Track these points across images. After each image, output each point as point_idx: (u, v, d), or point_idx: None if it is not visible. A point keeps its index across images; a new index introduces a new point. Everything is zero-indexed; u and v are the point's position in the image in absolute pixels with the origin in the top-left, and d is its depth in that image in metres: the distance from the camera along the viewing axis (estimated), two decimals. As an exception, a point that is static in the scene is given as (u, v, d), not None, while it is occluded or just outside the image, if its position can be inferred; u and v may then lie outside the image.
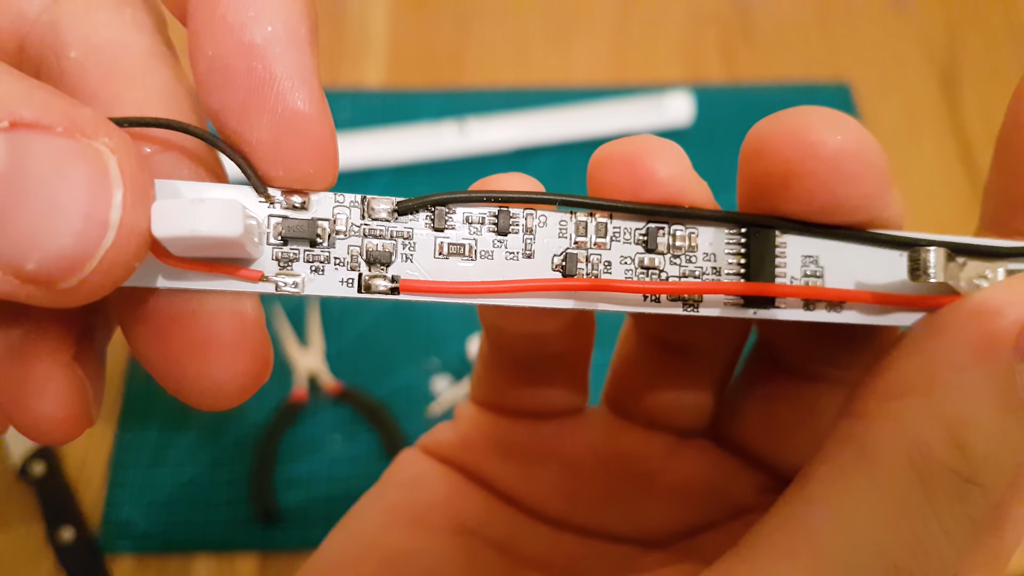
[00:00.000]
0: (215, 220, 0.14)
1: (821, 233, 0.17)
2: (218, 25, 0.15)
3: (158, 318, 0.16)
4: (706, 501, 0.23)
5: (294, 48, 0.15)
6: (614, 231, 0.17)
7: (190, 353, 0.16)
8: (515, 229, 0.17)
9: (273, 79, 0.15)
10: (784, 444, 0.22)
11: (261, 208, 0.16)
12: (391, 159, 0.55)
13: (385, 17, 0.62)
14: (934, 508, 0.15)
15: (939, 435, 0.15)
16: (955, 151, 0.58)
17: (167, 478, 0.46)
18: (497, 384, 0.23)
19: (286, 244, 0.16)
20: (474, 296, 0.16)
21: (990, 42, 0.62)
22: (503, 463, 0.23)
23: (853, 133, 0.15)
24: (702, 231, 0.17)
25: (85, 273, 0.13)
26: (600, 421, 0.24)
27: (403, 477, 0.23)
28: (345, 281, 0.16)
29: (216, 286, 0.15)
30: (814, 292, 0.17)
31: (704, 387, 0.22)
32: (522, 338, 0.21)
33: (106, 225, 0.13)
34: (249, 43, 0.14)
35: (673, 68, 0.61)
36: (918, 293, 0.17)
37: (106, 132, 0.13)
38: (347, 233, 0.16)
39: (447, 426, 0.24)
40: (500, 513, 0.23)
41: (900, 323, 0.17)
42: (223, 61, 0.15)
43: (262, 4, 0.15)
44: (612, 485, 0.23)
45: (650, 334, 0.22)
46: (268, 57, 0.15)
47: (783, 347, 0.22)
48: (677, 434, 0.23)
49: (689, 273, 0.17)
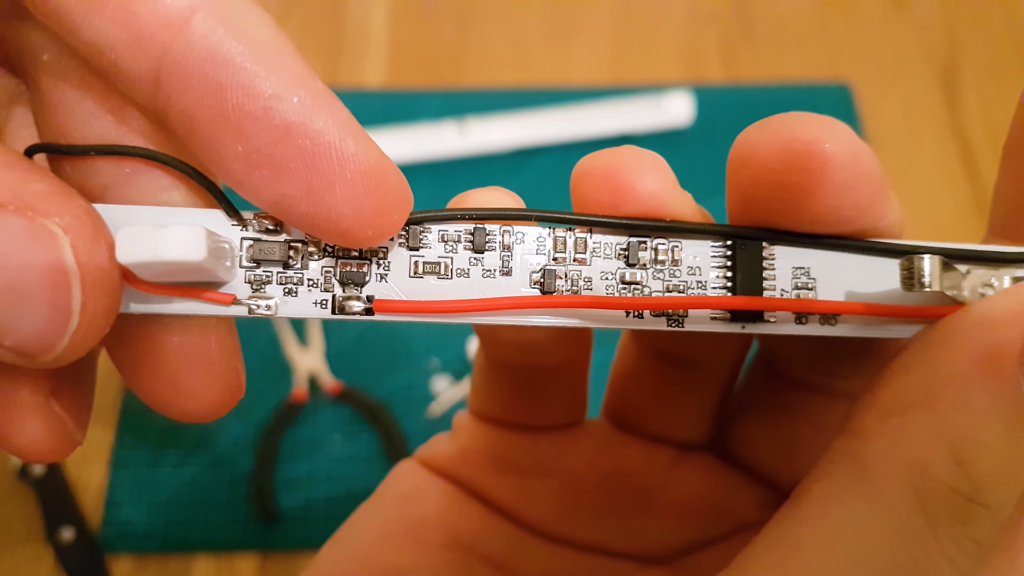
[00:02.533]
0: (178, 245, 0.13)
1: (811, 244, 0.17)
2: (237, 119, 0.13)
3: (133, 345, 0.16)
4: (706, 516, 0.22)
5: (328, 108, 0.14)
6: (594, 246, 0.17)
7: (160, 386, 0.16)
8: (491, 246, 0.16)
9: (328, 149, 0.14)
10: (786, 458, 0.22)
11: (235, 231, 0.16)
12: (391, 159, 0.55)
13: (385, 17, 0.62)
14: (935, 531, 0.14)
15: (940, 453, 0.14)
16: (955, 152, 0.58)
17: (167, 478, 0.46)
18: (494, 396, 0.23)
19: (259, 267, 0.16)
20: (449, 315, 0.16)
21: (990, 42, 0.62)
22: (500, 476, 0.23)
23: (844, 141, 0.15)
24: (686, 244, 0.17)
25: (59, 350, 0.13)
26: (599, 434, 0.24)
27: (400, 491, 0.23)
28: (319, 303, 0.16)
29: (188, 310, 0.15)
30: (803, 305, 0.16)
31: (705, 400, 0.22)
32: (517, 349, 0.21)
33: (69, 311, 0.13)
34: (284, 124, 0.13)
35: (673, 68, 0.61)
36: (919, 303, 0.17)
37: (59, 210, 0.13)
38: (320, 254, 0.16)
39: (445, 437, 0.24)
40: (497, 528, 0.23)
41: (900, 335, 0.17)
42: (263, 153, 0.14)
43: (272, 79, 0.13)
44: (611, 499, 0.23)
45: (650, 346, 0.22)
46: (312, 130, 0.13)
47: (785, 358, 0.21)
48: (678, 447, 0.23)
49: (673, 288, 0.17)
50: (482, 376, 0.23)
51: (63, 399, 0.16)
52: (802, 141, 0.15)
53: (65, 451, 0.16)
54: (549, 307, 0.16)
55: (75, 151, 0.15)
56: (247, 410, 0.48)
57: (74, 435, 0.16)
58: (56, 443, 0.16)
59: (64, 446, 0.16)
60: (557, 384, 0.22)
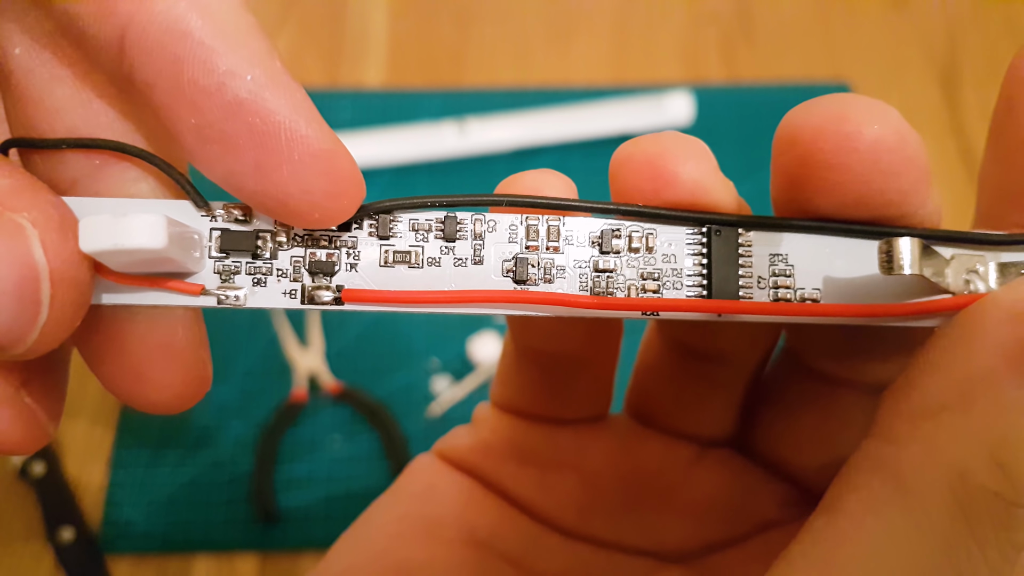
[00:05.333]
0: (139, 232, 0.13)
1: (787, 228, 0.16)
2: (191, 92, 0.14)
3: (99, 334, 0.16)
4: (727, 514, 0.22)
5: (281, 88, 0.14)
6: (567, 235, 0.16)
7: (125, 376, 0.16)
8: (463, 235, 0.16)
9: (278, 128, 0.14)
10: (810, 453, 0.21)
11: (204, 222, 0.16)
12: (391, 159, 0.55)
13: (385, 17, 0.62)
14: (977, 539, 0.13)
15: (979, 457, 0.13)
16: (955, 151, 0.58)
17: (167, 478, 0.46)
18: (520, 386, 0.23)
19: (228, 257, 0.16)
20: (418, 305, 0.16)
21: (990, 42, 0.62)
22: (520, 469, 0.23)
23: (892, 124, 0.14)
24: (660, 231, 0.16)
25: (29, 343, 0.13)
26: (621, 429, 0.23)
27: (416, 486, 0.23)
28: (288, 292, 0.16)
29: (157, 300, 0.15)
30: (781, 308, 0.16)
31: (729, 395, 0.22)
32: (547, 336, 0.20)
33: (39, 304, 0.13)
34: (236, 101, 0.13)
35: (673, 68, 0.61)
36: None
37: (27, 204, 0.13)
38: (289, 244, 0.16)
39: (464, 430, 0.24)
40: (514, 524, 0.23)
41: (926, 323, 0.16)
42: (214, 128, 0.14)
43: (229, 55, 0.13)
44: (630, 496, 0.22)
45: (674, 340, 0.21)
46: (262, 109, 0.14)
47: (812, 351, 0.21)
48: (700, 443, 0.23)
49: (648, 275, 0.16)
50: (509, 365, 0.23)
51: (34, 391, 0.16)
52: (852, 122, 0.14)
53: (36, 443, 0.16)
54: (517, 302, 0.16)
55: (47, 145, 0.15)
56: (247, 410, 0.48)
57: (46, 427, 0.16)
58: (27, 435, 0.16)
59: (35, 438, 0.16)
60: (585, 375, 0.22)
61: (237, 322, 0.50)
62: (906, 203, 0.15)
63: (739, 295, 0.16)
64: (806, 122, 0.15)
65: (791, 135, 0.15)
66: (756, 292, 0.16)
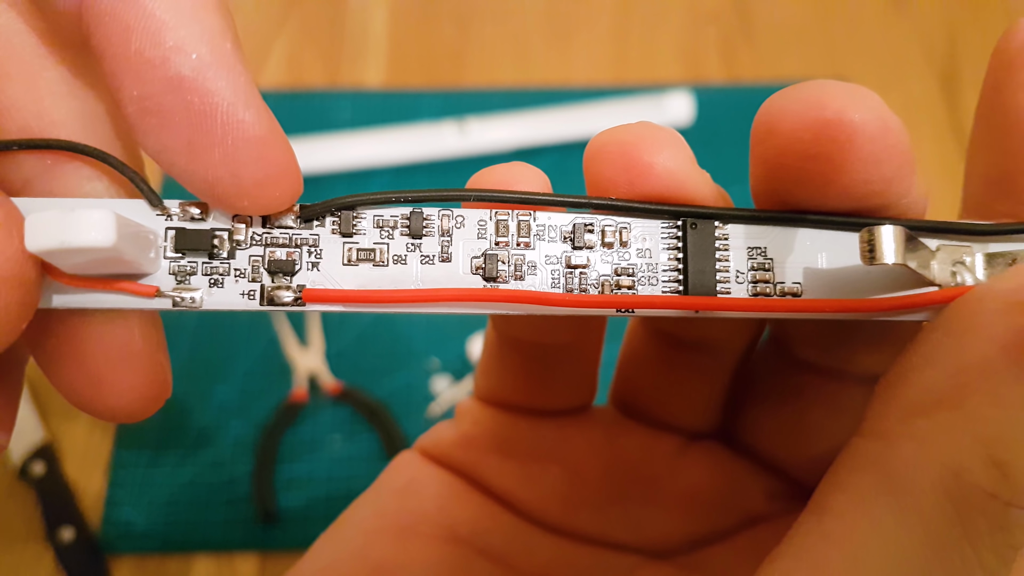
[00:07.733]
0: (86, 230, 0.13)
1: (766, 220, 0.16)
2: (137, 63, 0.13)
3: (53, 339, 0.15)
4: (713, 506, 0.22)
5: (226, 70, 0.14)
6: (538, 230, 0.16)
7: (81, 382, 0.15)
8: (429, 231, 0.16)
9: (215, 110, 0.14)
10: (797, 444, 0.21)
11: (159, 221, 0.15)
12: (391, 159, 0.55)
13: (385, 17, 0.62)
14: (971, 541, 0.13)
15: (975, 455, 0.13)
16: (955, 151, 0.58)
17: (167, 478, 0.46)
18: (503, 376, 0.22)
19: (184, 257, 0.15)
20: (383, 305, 0.15)
21: (990, 42, 0.62)
22: (503, 462, 0.22)
23: (874, 110, 0.14)
24: (634, 224, 0.16)
25: None
26: (605, 421, 0.23)
27: (397, 483, 0.23)
28: (246, 293, 0.15)
29: (110, 303, 0.15)
30: (759, 304, 0.15)
31: (713, 385, 0.21)
32: (529, 325, 0.20)
33: None
34: (177, 77, 0.13)
35: (673, 68, 0.61)
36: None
37: None
38: (247, 243, 0.15)
39: (447, 424, 0.24)
40: (496, 520, 0.22)
41: (916, 318, 0.15)
42: (154, 101, 0.14)
43: (179, 30, 0.13)
44: (615, 488, 0.22)
45: (659, 329, 0.21)
46: (202, 88, 0.13)
47: (797, 341, 0.20)
48: (685, 435, 0.22)
49: (623, 271, 0.16)
50: (491, 355, 0.22)
51: None
52: (831, 110, 0.14)
53: None
54: (486, 300, 0.15)
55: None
56: (247, 410, 0.48)
57: None
58: None
59: None
60: (568, 363, 0.22)
61: (237, 322, 0.50)
62: (889, 192, 0.15)
63: (716, 290, 0.16)
64: (784, 110, 0.14)
65: (769, 124, 0.15)
66: (734, 286, 0.16)
